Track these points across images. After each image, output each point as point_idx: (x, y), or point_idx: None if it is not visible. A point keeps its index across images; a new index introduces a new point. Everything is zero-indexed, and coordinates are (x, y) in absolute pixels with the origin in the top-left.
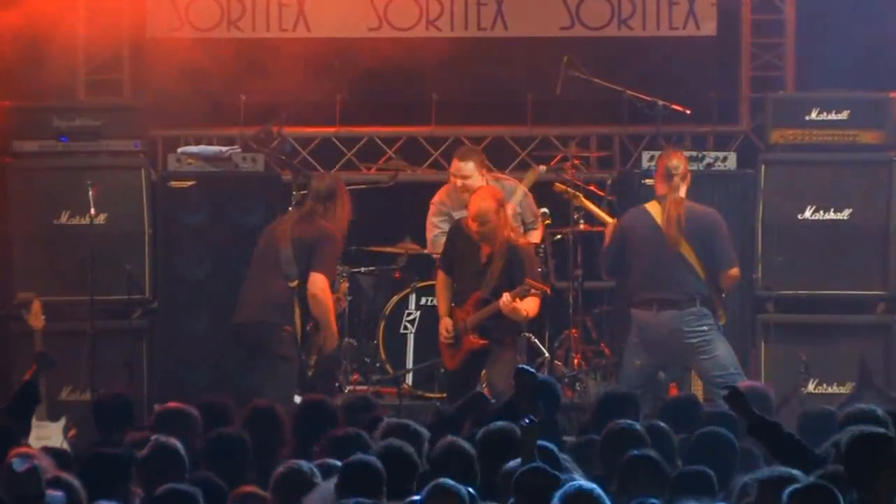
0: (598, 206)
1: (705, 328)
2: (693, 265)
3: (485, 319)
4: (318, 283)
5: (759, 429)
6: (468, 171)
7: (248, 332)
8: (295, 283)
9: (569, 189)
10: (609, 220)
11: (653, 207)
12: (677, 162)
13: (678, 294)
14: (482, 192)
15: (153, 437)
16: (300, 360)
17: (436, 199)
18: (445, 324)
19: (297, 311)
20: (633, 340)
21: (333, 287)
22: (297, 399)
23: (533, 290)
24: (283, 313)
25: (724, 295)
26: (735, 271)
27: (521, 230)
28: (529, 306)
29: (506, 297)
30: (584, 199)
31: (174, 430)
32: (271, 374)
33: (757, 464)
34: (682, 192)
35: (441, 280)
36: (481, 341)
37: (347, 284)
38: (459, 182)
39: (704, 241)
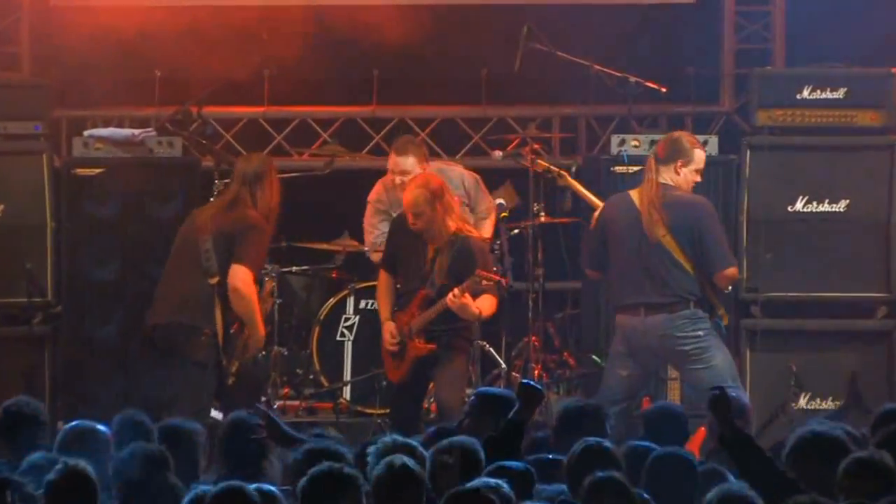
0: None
1: (700, 333)
2: (680, 261)
3: (431, 321)
4: (239, 275)
5: (732, 442)
6: (408, 166)
7: (162, 336)
8: (215, 280)
9: (552, 167)
10: (599, 203)
11: (635, 193)
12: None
13: (668, 296)
14: (414, 181)
15: (61, 460)
16: (220, 367)
17: (372, 196)
18: (389, 328)
19: (219, 312)
20: (617, 349)
21: (259, 285)
22: (216, 414)
23: (485, 282)
24: (201, 314)
25: (721, 290)
26: (732, 271)
27: (472, 221)
28: (484, 304)
29: (454, 291)
30: (570, 178)
31: (82, 451)
32: (185, 382)
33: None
34: (666, 177)
35: (383, 280)
36: (428, 346)
37: (275, 284)
38: (398, 179)
39: (692, 234)
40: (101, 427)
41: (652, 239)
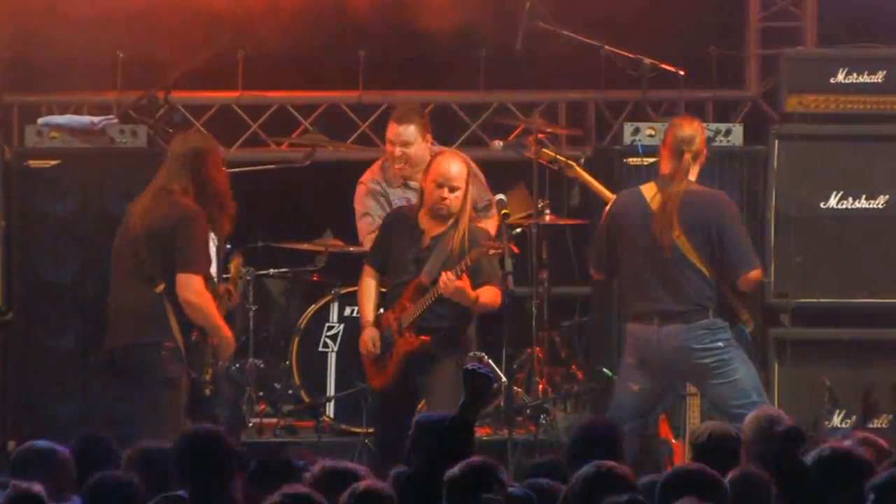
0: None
1: (720, 344)
2: (696, 265)
3: (425, 313)
4: (188, 286)
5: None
6: (409, 136)
7: (121, 359)
8: (161, 288)
9: (559, 156)
10: (611, 196)
11: (650, 191)
12: (692, 133)
13: (684, 304)
14: (450, 154)
15: (11, 483)
16: (189, 379)
17: (365, 177)
18: (369, 335)
19: (174, 321)
20: (628, 362)
21: (212, 284)
22: None
23: (492, 251)
24: (156, 327)
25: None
26: (756, 273)
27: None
28: (484, 294)
29: (446, 275)
30: (579, 169)
31: (38, 474)
32: (153, 403)
33: None
34: (694, 174)
35: (367, 278)
36: (421, 339)
37: (240, 260)
38: (398, 150)
39: (710, 234)
40: (59, 447)
41: (665, 240)
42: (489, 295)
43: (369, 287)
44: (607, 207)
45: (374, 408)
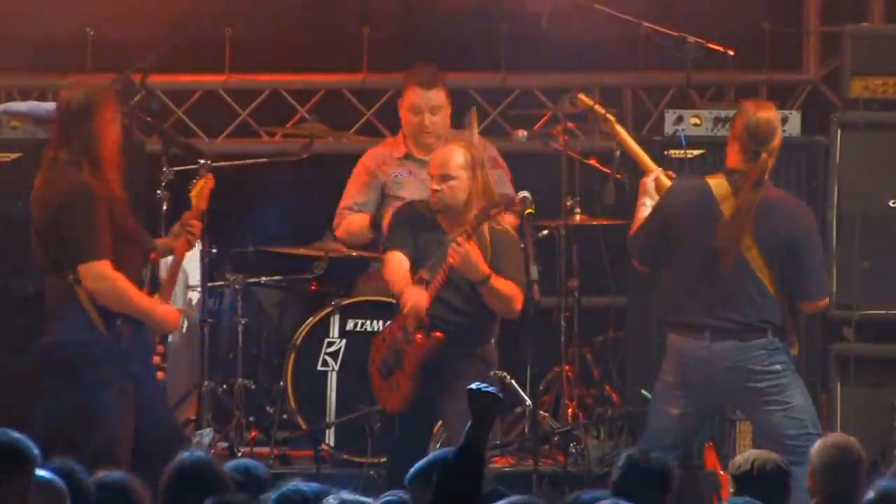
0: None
1: (779, 367)
2: (763, 282)
3: (434, 304)
4: (89, 275)
5: None
6: (439, 100)
7: (48, 361)
8: (70, 277)
9: (596, 105)
10: (652, 167)
11: (720, 188)
12: (769, 126)
13: (741, 322)
14: (447, 145)
15: None
16: (130, 376)
17: (366, 158)
18: (415, 293)
19: (94, 311)
20: (667, 380)
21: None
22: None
23: (494, 211)
24: (78, 323)
25: (799, 316)
26: (826, 302)
27: None
28: (503, 284)
29: (456, 239)
30: (617, 126)
31: None
32: (87, 409)
33: None
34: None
35: (393, 261)
36: (434, 335)
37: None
38: (428, 119)
39: (785, 251)
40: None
41: (734, 251)
42: (506, 285)
43: (397, 263)
44: (666, 194)
45: (387, 434)
